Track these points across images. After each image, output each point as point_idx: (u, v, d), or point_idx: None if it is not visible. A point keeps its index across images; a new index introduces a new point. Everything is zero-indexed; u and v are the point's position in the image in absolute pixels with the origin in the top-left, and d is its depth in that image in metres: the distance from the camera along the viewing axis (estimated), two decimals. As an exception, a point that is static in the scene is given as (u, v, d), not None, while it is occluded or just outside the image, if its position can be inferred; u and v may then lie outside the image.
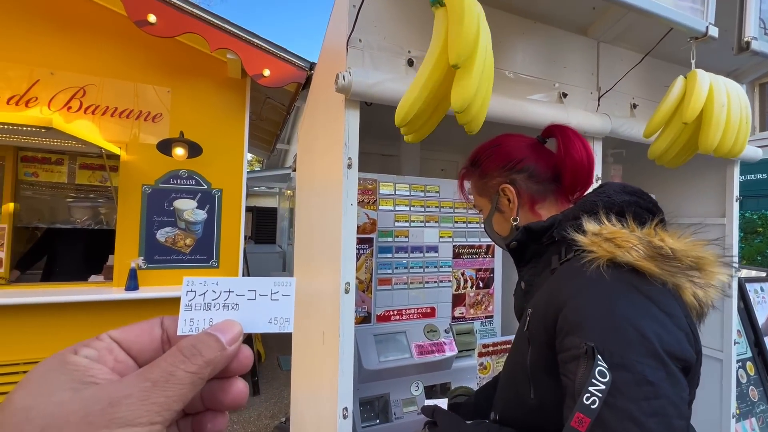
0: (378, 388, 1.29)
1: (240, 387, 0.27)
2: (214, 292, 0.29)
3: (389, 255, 1.35)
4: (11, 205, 2.71)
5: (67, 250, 3.08)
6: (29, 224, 2.99)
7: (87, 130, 2.63)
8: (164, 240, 2.87)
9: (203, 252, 2.97)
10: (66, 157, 2.87)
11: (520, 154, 0.82)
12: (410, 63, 1.08)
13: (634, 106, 1.47)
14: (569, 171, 0.79)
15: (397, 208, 1.37)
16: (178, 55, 2.94)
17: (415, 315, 1.38)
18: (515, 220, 0.81)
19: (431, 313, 1.41)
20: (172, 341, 0.27)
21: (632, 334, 0.52)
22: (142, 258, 2.75)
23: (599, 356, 0.50)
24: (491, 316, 1.53)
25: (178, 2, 2.57)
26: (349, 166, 0.99)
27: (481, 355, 1.48)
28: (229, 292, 0.29)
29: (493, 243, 1.52)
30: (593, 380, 0.49)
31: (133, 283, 2.66)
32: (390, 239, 1.35)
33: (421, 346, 1.32)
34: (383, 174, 1.36)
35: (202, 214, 2.97)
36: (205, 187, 3.00)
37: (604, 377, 0.49)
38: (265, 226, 9.08)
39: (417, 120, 0.82)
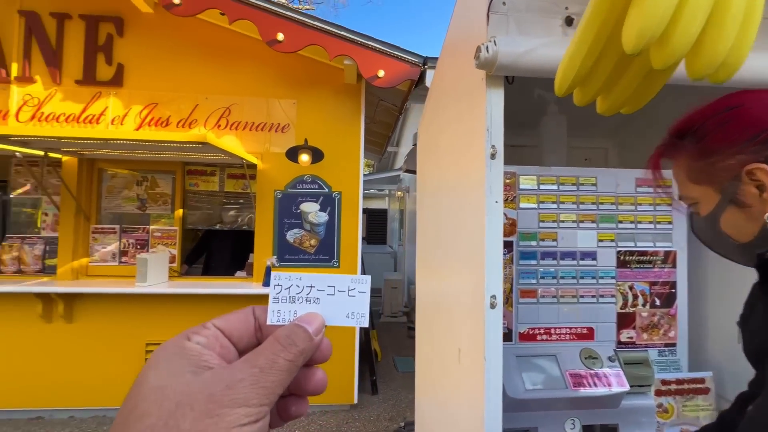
0: (523, 420, 1.08)
1: (320, 376, 0.29)
2: (298, 286, 0.31)
3: (533, 262, 1.13)
4: (181, 211, 3.27)
5: (219, 248, 3.59)
6: (194, 226, 3.57)
7: (232, 143, 3.01)
8: (293, 241, 3.11)
9: (326, 252, 3.13)
10: (218, 169, 3.35)
11: None
12: (568, 22, 0.86)
13: None
14: None
15: (541, 205, 1.14)
16: (301, 68, 3.16)
17: (568, 336, 1.13)
18: None
19: (589, 334, 1.14)
20: (263, 329, 0.29)
21: None
22: (275, 257, 3.03)
23: None
24: (673, 344, 1.17)
25: (301, 17, 2.75)
26: (493, 155, 0.82)
27: (659, 393, 1.15)
28: (311, 287, 0.31)
29: (675, 250, 1.17)
30: None
31: (268, 280, 2.93)
32: (534, 243, 1.13)
33: (577, 375, 1.07)
34: (523, 165, 1.15)
35: (324, 216, 3.13)
36: (326, 190, 3.16)
37: None
38: (376, 227, 9.41)
39: (595, 76, 0.58)
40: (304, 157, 2.85)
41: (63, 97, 3.02)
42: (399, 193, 7.44)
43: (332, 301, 0.31)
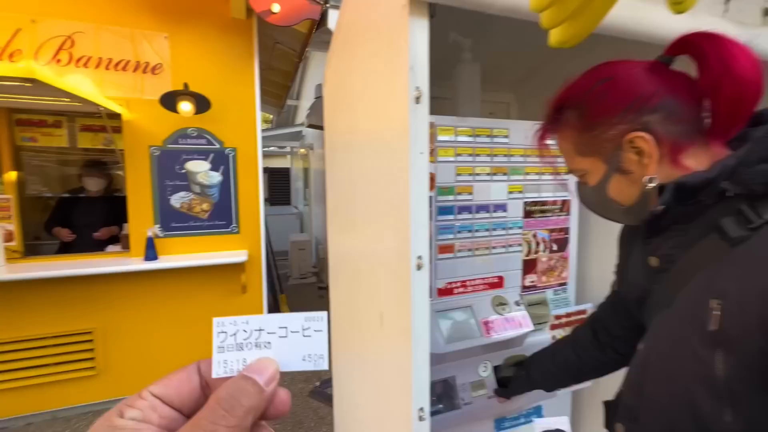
0: (441, 372, 1.10)
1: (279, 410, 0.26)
2: (245, 331, 0.28)
3: (451, 217, 1.11)
4: (14, 174, 2.52)
5: (81, 219, 2.92)
6: (40, 193, 2.81)
7: (82, 85, 2.36)
8: (179, 206, 2.68)
9: (222, 217, 2.78)
10: (64, 119, 2.63)
11: (651, 86, 0.55)
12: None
13: (769, 11, 1.12)
14: (728, 99, 0.52)
15: (458, 158, 1.10)
16: (173, -7, 2.56)
17: (482, 286, 1.17)
18: (652, 180, 0.56)
19: (499, 283, 1.19)
20: (210, 385, 0.26)
21: None
22: (158, 226, 2.58)
23: None
24: (565, 284, 1.30)
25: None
26: (418, 99, 0.72)
27: (553, 327, 1.28)
28: (260, 330, 0.28)
29: (569, 198, 1.27)
30: None
31: (151, 253, 2.51)
32: (451, 197, 1.10)
33: (490, 323, 1.12)
34: (440, 116, 1.09)
35: (216, 176, 2.74)
36: (218, 146, 2.75)
37: None
38: (278, 188, 8.89)
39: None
40: (185, 106, 2.38)
41: None
42: (302, 150, 7.03)
43: (285, 343, 0.28)
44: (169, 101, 2.38)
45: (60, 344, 2.45)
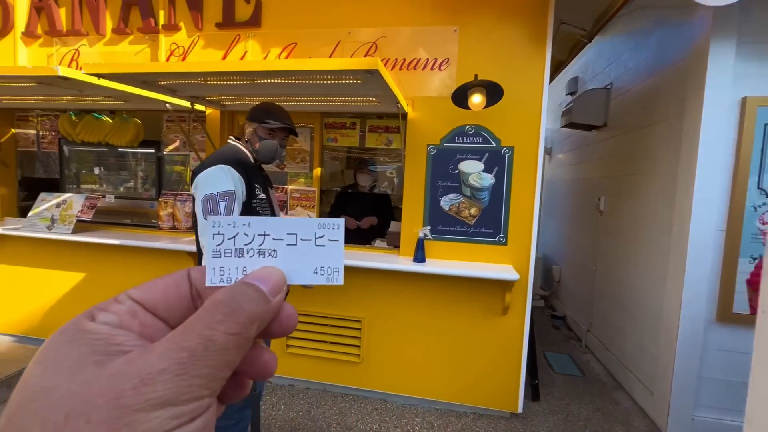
0: None
1: (267, 358, 0.22)
2: (246, 235, 0.24)
3: None
4: (319, 170, 2.92)
5: (352, 210, 3.22)
6: (331, 189, 3.22)
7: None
8: (448, 208, 2.52)
9: (489, 225, 2.48)
10: (358, 121, 2.88)
11: None
12: None
13: None
14: None
15: None
16: (468, -18, 2.39)
17: None
18: None
19: None
20: (203, 296, 0.22)
21: None
22: (428, 227, 2.49)
23: None
24: None
25: None
26: None
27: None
28: (265, 235, 0.24)
29: None
30: None
31: (420, 255, 2.42)
32: None
33: None
34: None
35: (488, 179, 2.45)
36: (494, 145, 2.44)
37: None
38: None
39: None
40: (476, 99, 2.15)
41: (204, 44, 2.80)
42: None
43: (294, 253, 0.24)
44: (460, 96, 2.20)
45: (335, 326, 2.67)
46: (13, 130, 3.49)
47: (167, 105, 2.46)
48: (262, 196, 1.65)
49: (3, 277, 3.17)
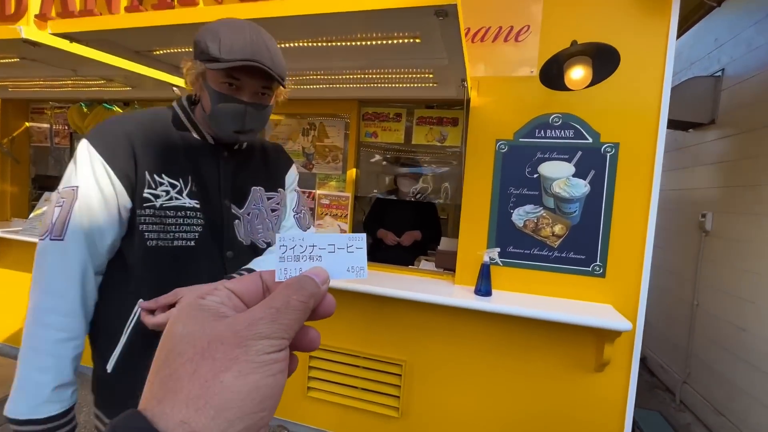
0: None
1: (313, 334, 0.30)
2: (302, 246, 0.33)
3: None
4: (354, 171, 2.39)
5: (394, 225, 2.65)
6: (366, 194, 2.68)
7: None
8: (523, 225, 1.89)
9: (579, 248, 1.83)
10: (404, 111, 2.32)
11: None
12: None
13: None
14: None
15: None
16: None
17: None
18: None
19: None
20: (271, 289, 0.31)
21: None
22: (497, 249, 1.88)
23: None
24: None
25: None
26: None
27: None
28: (314, 246, 0.33)
29: None
30: None
31: (485, 286, 1.81)
32: None
33: None
34: None
35: (581, 187, 1.81)
36: (590, 140, 1.81)
37: None
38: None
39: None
40: (577, 73, 1.53)
41: (225, 20, 2.36)
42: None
43: (333, 257, 0.33)
44: (552, 71, 1.59)
45: (369, 368, 2.10)
46: (27, 124, 3.23)
47: (174, 89, 2.02)
48: (183, 201, 0.87)
49: (3, 284, 2.87)
